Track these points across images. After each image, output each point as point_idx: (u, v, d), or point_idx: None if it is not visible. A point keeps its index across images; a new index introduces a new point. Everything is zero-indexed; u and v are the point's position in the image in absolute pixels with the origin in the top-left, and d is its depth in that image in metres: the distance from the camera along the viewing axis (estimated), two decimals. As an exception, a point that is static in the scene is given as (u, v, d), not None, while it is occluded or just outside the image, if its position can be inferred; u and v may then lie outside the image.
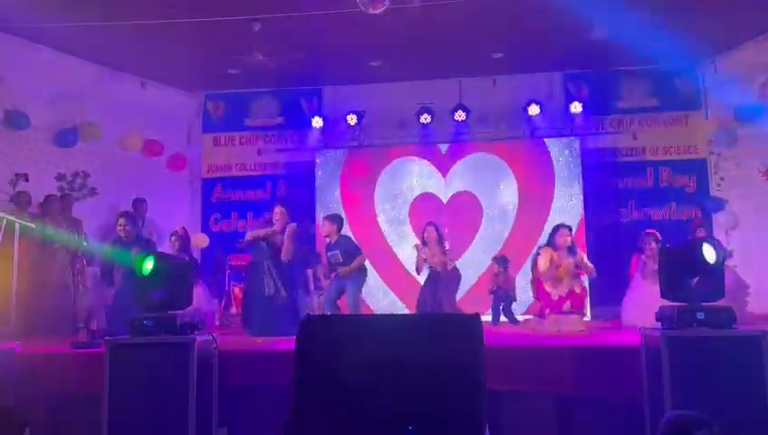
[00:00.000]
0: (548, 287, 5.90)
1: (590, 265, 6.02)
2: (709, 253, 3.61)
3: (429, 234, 6.71)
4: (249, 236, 6.37)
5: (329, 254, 6.57)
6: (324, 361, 2.96)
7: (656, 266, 6.24)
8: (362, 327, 3.39)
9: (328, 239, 6.63)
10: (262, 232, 6.31)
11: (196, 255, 8.09)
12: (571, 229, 6.19)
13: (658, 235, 6.61)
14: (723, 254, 3.68)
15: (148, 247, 6.06)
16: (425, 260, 6.63)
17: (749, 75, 7.73)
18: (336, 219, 6.69)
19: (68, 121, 7.74)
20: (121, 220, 6.23)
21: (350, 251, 6.46)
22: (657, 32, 7.20)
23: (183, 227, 7.24)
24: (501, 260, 7.16)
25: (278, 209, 6.34)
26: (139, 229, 6.74)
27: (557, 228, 6.12)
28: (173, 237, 6.90)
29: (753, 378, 3.35)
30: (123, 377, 3.66)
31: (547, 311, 5.88)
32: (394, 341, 2.95)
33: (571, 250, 5.97)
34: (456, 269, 6.77)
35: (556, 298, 5.84)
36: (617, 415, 3.84)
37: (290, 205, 6.69)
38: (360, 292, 6.59)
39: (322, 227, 6.78)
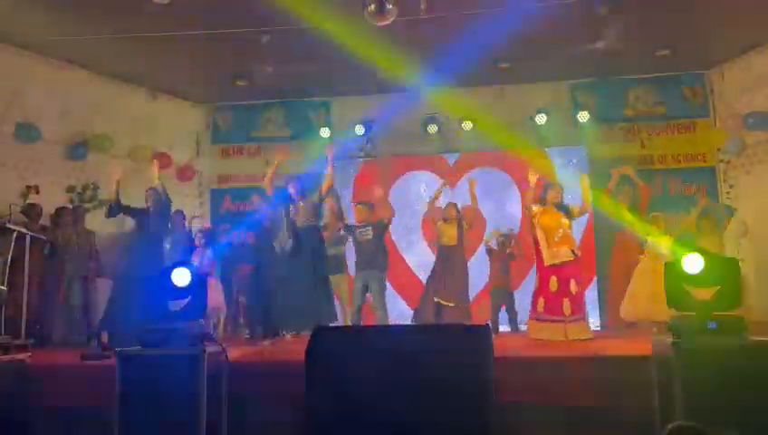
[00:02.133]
0: (543, 246, 5.83)
1: (577, 209, 6.05)
2: (691, 265, 3.58)
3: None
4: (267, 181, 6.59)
5: (359, 231, 6.68)
6: (334, 372, 2.97)
7: None
8: (372, 339, 3.39)
9: (361, 221, 6.76)
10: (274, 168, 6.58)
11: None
12: (562, 188, 6.13)
13: None
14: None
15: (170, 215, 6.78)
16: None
17: (758, 82, 7.71)
18: (369, 205, 6.92)
19: (78, 134, 7.82)
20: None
21: (381, 232, 6.68)
22: (665, 39, 7.22)
23: (208, 226, 8.04)
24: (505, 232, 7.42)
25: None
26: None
27: (550, 186, 6.11)
28: (199, 234, 7.39)
29: (766, 387, 3.31)
30: (133, 388, 3.66)
31: (541, 300, 5.77)
32: (403, 352, 2.95)
33: (561, 206, 5.95)
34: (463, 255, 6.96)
35: (548, 265, 5.75)
36: (627, 426, 3.80)
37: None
38: (385, 290, 6.62)
39: (356, 214, 6.90)
